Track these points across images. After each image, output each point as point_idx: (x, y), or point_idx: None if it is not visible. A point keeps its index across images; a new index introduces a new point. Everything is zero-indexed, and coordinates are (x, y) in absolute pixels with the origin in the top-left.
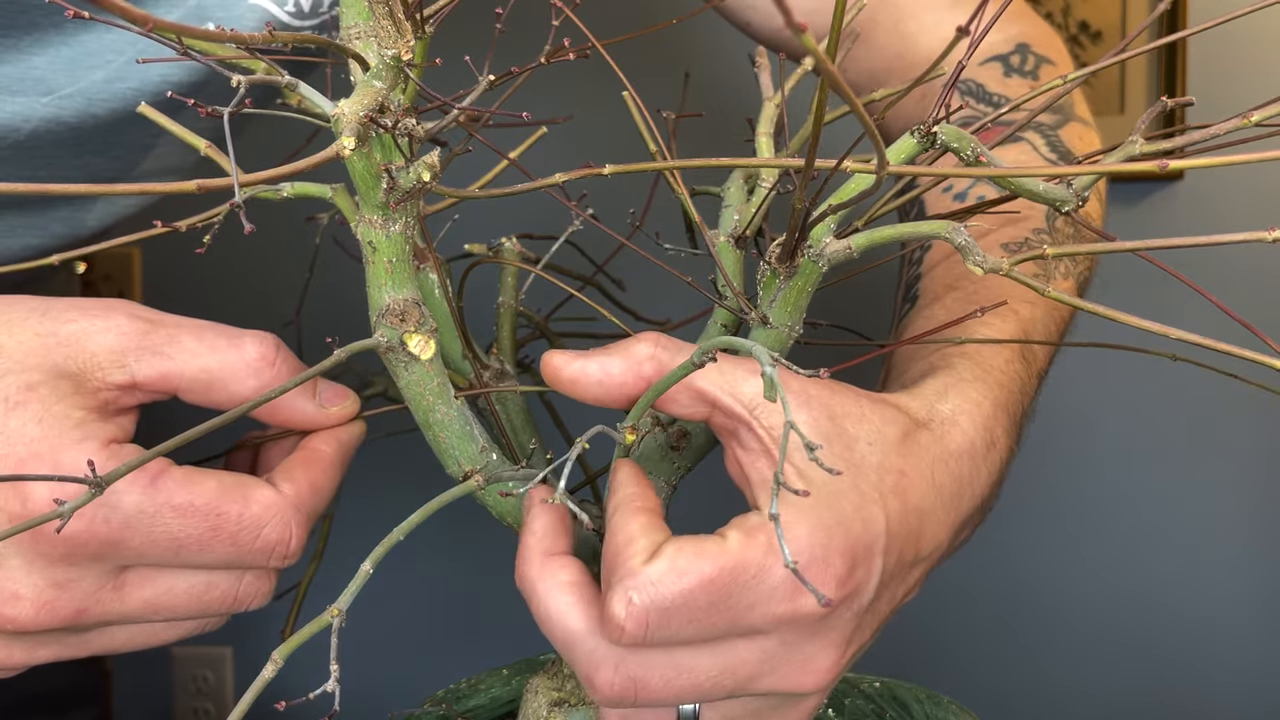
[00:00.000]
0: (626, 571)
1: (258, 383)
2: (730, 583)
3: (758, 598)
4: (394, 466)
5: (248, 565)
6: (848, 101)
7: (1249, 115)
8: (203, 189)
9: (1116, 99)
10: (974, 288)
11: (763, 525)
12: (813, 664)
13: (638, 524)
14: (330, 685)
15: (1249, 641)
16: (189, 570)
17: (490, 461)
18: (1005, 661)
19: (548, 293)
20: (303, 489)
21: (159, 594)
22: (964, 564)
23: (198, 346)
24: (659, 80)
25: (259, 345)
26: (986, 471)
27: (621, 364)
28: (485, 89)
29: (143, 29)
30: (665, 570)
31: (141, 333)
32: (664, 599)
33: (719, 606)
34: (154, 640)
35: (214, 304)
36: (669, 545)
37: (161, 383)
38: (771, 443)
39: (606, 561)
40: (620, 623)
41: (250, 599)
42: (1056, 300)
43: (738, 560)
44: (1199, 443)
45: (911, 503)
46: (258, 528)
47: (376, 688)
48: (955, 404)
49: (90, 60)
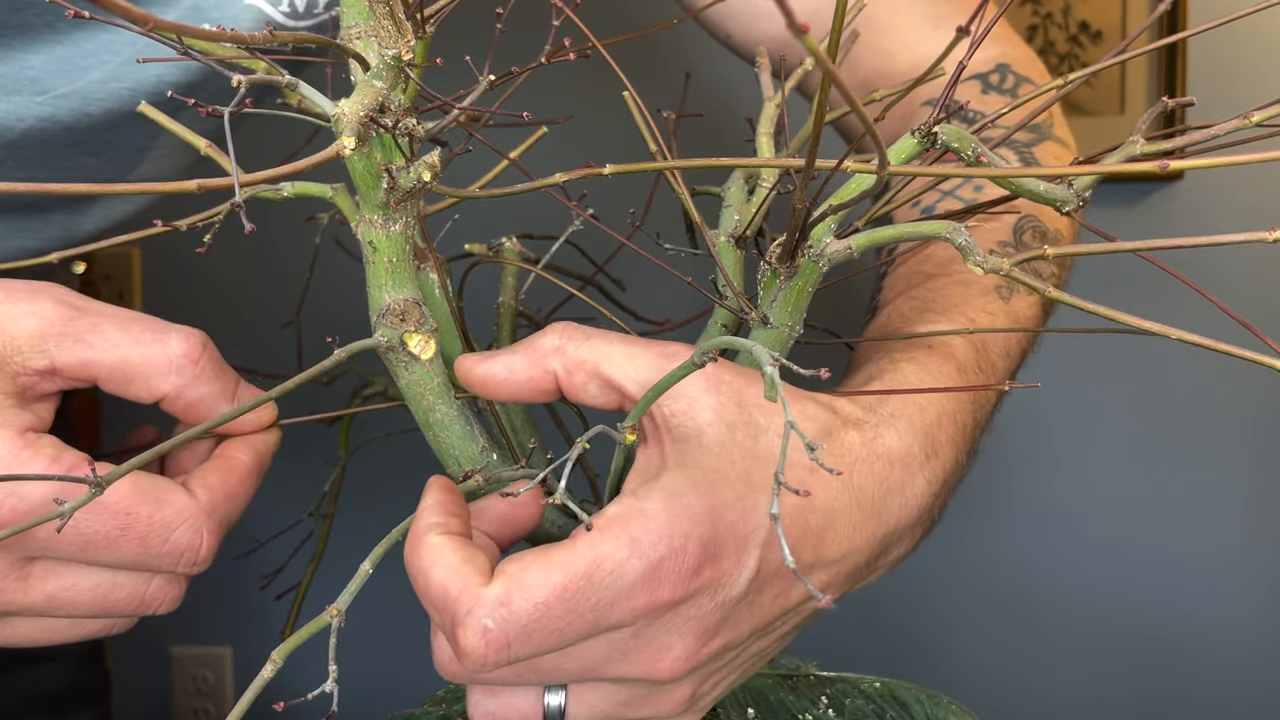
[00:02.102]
0: (471, 600)
1: (179, 379)
2: (585, 585)
3: (617, 594)
4: (394, 466)
5: (155, 568)
6: (848, 102)
7: (1249, 115)
8: (203, 189)
9: (1116, 99)
10: (928, 294)
11: (619, 517)
12: (668, 652)
13: (450, 551)
14: (329, 685)
15: (1248, 636)
16: (96, 568)
17: (491, 461)
18: (1005, 661)
19: (548, 293)
20: (217, 495)
21: (63, 589)
22: (964, 564)
23: (120, 337)
24: (659, 80)
25: (184, 342)
26: (925, 480)
27: (525, 360)
28: (485, 89)
29: (143, 29)
30: (513, 589)
31: (65, 319)
32: (520, 619)
33: (578, 611)
34: (55, 637)
35: (214, 304)
36: (510, 563)
37: (81, 370)
38: (667, 431)
39: (432, 596)
40: (480, 654)
41: (158, 603)
42: (1057, 300)
43: (591, 562)
44: (1196, 440)
45: (817, 501)
46: (167, 531)
47: (376, 688)
48: (896, 406)
49: (86, 60)
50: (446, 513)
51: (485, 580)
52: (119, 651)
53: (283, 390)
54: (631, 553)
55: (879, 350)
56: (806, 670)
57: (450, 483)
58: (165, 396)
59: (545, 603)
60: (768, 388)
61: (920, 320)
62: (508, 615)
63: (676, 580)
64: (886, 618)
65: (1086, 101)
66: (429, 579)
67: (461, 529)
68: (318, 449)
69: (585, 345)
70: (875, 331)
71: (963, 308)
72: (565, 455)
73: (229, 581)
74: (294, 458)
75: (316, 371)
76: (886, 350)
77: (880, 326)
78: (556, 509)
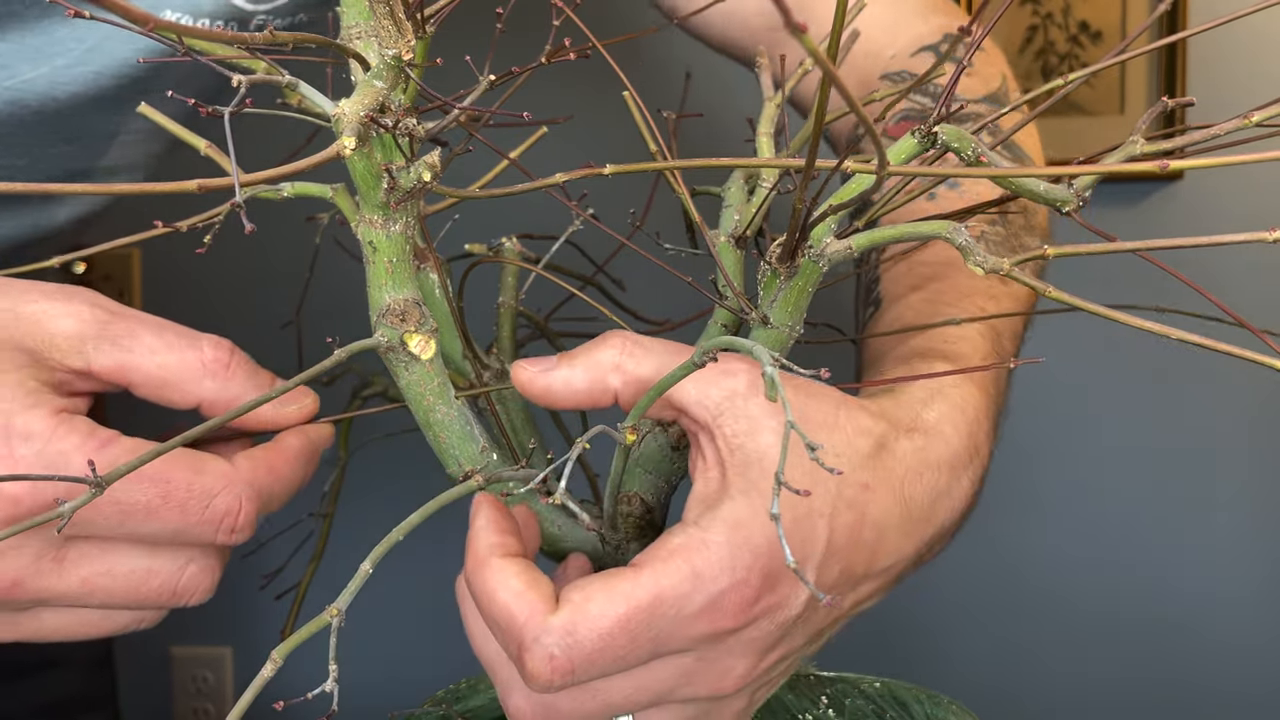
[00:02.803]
0: (537, 628)
1: (213, 384)
2: (649, 618)
3: (679, 623)
4: (394, 466)
5: (195, 539)
6: (848, 102)
7: (1249, 115)
8: (203, 189)
9: (1116, 99)
10: (939, 286)
11: (682, 548)
12: (731, 672)
13: (514, 575)
14: (329, 685)
15: (1249, 636)
16: (132, 549)
17: (491, 462)
18: (1006, 661)
19: (548, 293)
20: (260, 468)
21: (98, 573)
22: (964, 564)
23: (156, 343)
24: (659, 80)
25: (215, 348)
26: (969, 481)
27: (584, 375)
28: (485, 89)
29: (144, 29)
30: (578, 619)
31: (102, 322)
32: (584, 646)
33: (639, 640)
34: (86, 631)
35: (214, 304)
36: (574, 590)
37: (117, 374)
38: (728, 454)
39: (498, 619)
40: (546, 679)
41: (191, 592)
42: (1057, 300)
43: (653, 594)
44: (1196, 440)
45: (870, 516)
46: (208, 497)
47: (376, 688)
48: (940, 411)
49: (54, 48)
50: (502, 531)
51: (550, 607)
52: (119, 651)
53: (283, 390)
54: (694, 587)
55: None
56: (806, 670)
57: (498, 499)
58: (203, 401)
59: (609, 632)
60: (768, 388)
61: (935, 316)
62: (573, 644)
63: (738, 610)
64: (886, 618)
65: (1086, 101)
66: (494, 602)
67: (519, 548)
68: None
69: (646, 362)
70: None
71: (973, 296)
72: (565, 455)
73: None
74: None
75: (316, 371)
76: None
77: (892, 322)
78: (557, 509)
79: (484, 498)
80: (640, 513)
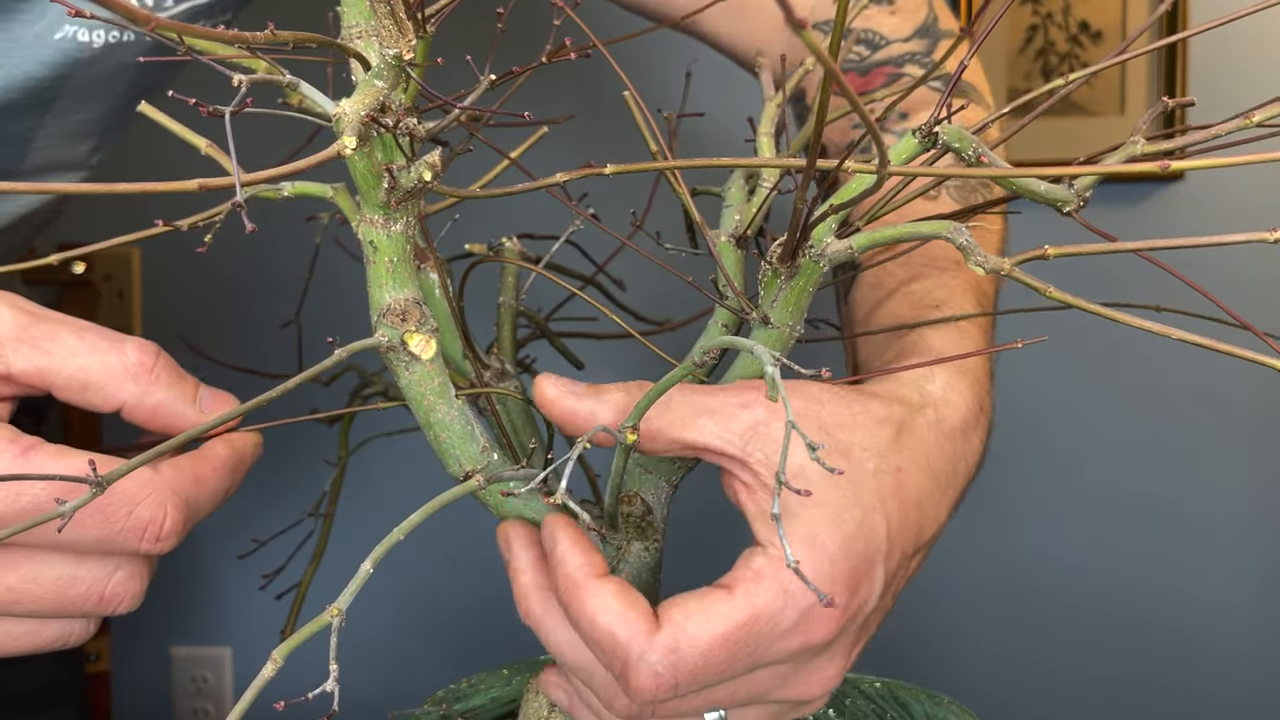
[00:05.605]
0: (641, 647)
1: (135, 387)
2: (746, 636)
3: (774, 640)
4: (394, 466)
5: (119, 546)
6: (850, 101)
7: (1250, 115)
8: (204, 188)
9: (1117, 99)
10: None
11: (769, 568)
12: (821, 674)
13: (612, 596)
14: (329, 685)
15: (1249, 636)
16: (58, 557)
17: (491, 461)
18: (1005, 661)
19: (548, 293)
20: (185, 476)
21: (22, 580)
22: (964, 565)
23: (78, 345)
24: (659, 80)
25: (139, 351)
26: (978, 440)
27: (609, 418)
28: (486, 89)
29: (144, 29)
30: (680, 638)
31: (22, 325)
32: (687, 664)
33: (739, 656)
34: (12, 646)
35: (214, 304)
36: (674, 609)
37: (37, 377)
38: (769, 476)
39: (600, 641)
40: (651, 694)
41: (119, 599)
42: (1058, 300)
43: (749, 614)
44: (1195, 440)
45: (910, 497)
46: (130, 504)
47: (376, 688)
48: (944, 380)
49: None
50: (587, 550)
51: (652, 625)
52: (119, 651)
53: (283, 390)
54: (786, 604)
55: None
56: None
57: (569, 519)
58: (124, 405)
59: (710, 650)
60: (770, 388)
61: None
62: (676, 661)
63: (828, 620)
64: (886, 618)
65: (1086, 101)
66: (595, 624)
67: (604, 566)
68: (318, 449)
69: (667, 415)
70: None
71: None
72: (566, 455)
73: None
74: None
75: (316, 371)
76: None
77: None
78: (557, 509)
79: (556, 519)
80: (641, 513)
